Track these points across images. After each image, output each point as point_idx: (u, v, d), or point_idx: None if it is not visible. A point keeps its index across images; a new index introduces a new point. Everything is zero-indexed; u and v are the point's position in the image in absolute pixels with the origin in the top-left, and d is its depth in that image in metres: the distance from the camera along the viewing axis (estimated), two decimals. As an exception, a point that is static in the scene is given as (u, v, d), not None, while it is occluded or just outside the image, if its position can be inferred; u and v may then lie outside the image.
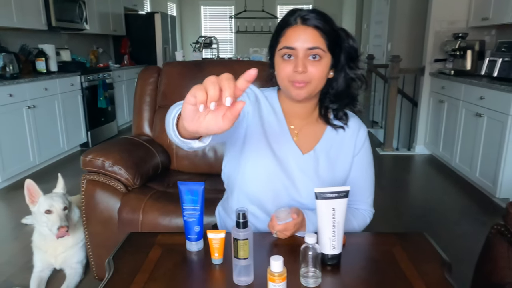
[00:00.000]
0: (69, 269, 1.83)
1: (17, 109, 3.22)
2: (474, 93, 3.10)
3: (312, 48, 0.90)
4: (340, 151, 1.03)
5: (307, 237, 0.74)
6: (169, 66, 2.23)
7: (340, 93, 1.00)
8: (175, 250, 0.89)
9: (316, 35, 0.90)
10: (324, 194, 0.80)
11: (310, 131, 1.03)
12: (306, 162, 1.00)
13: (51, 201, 1.68)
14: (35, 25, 3.84)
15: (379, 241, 0.94)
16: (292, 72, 0.91)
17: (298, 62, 0.90)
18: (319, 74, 0.92)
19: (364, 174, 1.07)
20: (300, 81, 0.90)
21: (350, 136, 1.04)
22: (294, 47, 0.90)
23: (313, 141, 1.03)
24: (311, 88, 0.93)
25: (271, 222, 0.90)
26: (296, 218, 0.89)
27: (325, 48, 0.91)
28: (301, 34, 0.90)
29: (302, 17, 0.91)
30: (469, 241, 2.29)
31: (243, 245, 0.73)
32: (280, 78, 0.95)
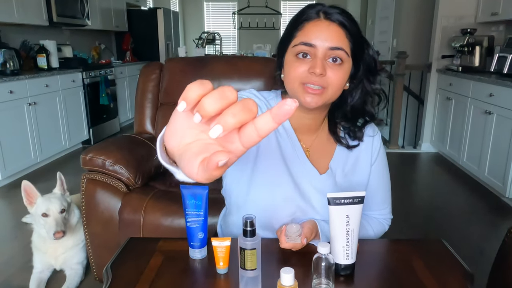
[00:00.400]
0: (69, 270, 1.79)
1: (18, 106, 3.17)
2: (483, 90, 3.03)
3: (334, 49, 0.77)
4: (356, 164, 0.94)
5: (320, 247, 0.69)
6: (172, 62, 2.18)
7: (355, 110, 0.88)
8: (177, 257, 0.84)
9: (341, 34, 0.78)
10: (337, 199, 0.74)
11: (321, 146, 0.92)
12: (323, 182, 0.90)
13: (48, 203, 1.64)
14: (36, 20, 3.79)
15: (395, 248, 0.89)
16: (306, 73, 0.78)
17: (316, 62, 0.77)
18: (338, 81, 0.79)
19: (381, 181, 0.99)
20: (316, 84, 0.77)
21: (365, 147, 0.94)
22: (314, 44, 0.77)
23: (326, 157, 0.92)
24: (327, 96, 0.80)
25: (280, 237, 0.82)
26: (305, 244, 0.82)
27: (348, 51, 0.79)
28: (324, 30, 0.77)
29: (326, 11, 0.79)
30: (479, 242, 2.23)
31: (251, 255, 0.68)
32: (290, 79, 0.81)
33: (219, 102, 0.32)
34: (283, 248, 0.83)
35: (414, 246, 0.88)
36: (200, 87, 0.33)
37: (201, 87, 0.33)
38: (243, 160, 0.87)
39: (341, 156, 0.93)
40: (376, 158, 0.96)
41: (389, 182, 1.02)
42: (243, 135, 0.33)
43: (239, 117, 0.31)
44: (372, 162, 0.96)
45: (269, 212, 0.90)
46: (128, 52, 5.79)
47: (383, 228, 1.02)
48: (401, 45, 4.83)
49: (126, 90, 5.27)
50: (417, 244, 0.89)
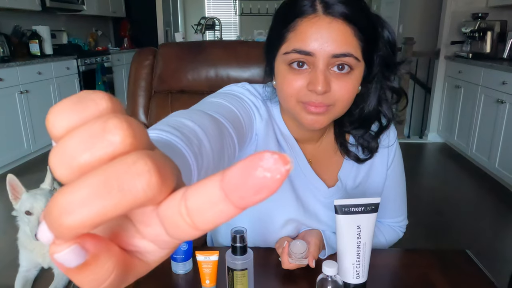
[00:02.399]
0: (58, 268, 1.69)
1: (9, 94, 3.05)
2: (495, 77, 2.88)
3: (339, 56, 0.58)
4: (370, 171, 0.79)
5: (326, 267, 0.57)
6: (166, 48, 2.04)
7: (368, 115, 0.69)
8: (158, 271, 0.72)
9: (348, 33, 0.58)
10: (346, 207, 0.62)
11: (325, 156, 0.77)
12: (332, 197, 0.75)
13: (33, 201, 1.53)
14: (28, 5, 3.65)
15: (412, 261, 0.76)
16: (305, 90, 0.60)
17: (317, 76, 0.58)
18: (347, 94, 0.60)
19: (397, 186, 0.84)
20: (319, 104, 0.60)
21: (380, 151, 0.77)
22: (312, 52, 0.58)
23: (334, 168, 0.77)
24: (334, 113, 0.62)
25: (282, 257, 0.68)
26: (313, 266, 0.67)
27: (359, 54, 0.59)
28: (324, 31, 0.57)
29: (325, 1, 0.58)
30: (489, 236, 2.12)
31: (241, 277, 0.56)
32: (285, 96, 0.63)
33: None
34: (285, 268, 0.70)
35: (435, 258, 0.76)
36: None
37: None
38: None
39: (352, 164, 0.77)
40: (393, 160, 0.81)
41: (405, 186, 0.87)
42: (164, 219, 0.16)
43: (100, 209, 0.15)
44: (389, 165, 0.80)
45: (267, 237, 0.76)
46: (126, 38, 5.64)
47: (397, 235, 0.89)
48: (408, 31, 4.65)
49: (124, 78, 5.14)
50: (438, 256, 0.77)
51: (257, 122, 0.70)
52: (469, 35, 3.47)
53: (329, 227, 0.77)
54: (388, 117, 0.71)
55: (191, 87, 1.95)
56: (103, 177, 0.15)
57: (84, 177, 0.15)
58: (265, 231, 0.76)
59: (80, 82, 4.02)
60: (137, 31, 5.81)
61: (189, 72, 1.94)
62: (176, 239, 0.17)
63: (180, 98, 1.96)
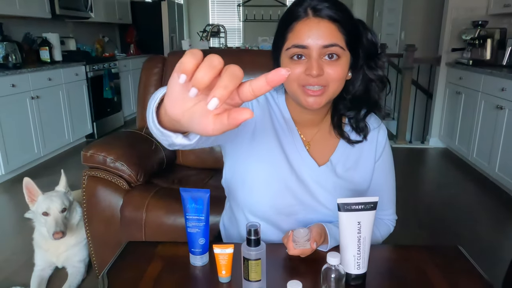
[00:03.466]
0: (71, 267, 1.77)
1: (21, 100, 3.14)
2: (494, 84, 2.95)
3: (328, 46, 0.74)
4: (359, 160, 0.90)
5: (330, 257, 0.64)
6: (175, 56, 2.13)
7: (358, 98, 0.85)
8: (177, 263, 0.79)
9: (333, 29, 0.75)
10: (348, 205, 0.69)
11: (322, 140, 0.89)
12: (322, 175, 0.88)
13: (49, 202, 1.60)
14: (38, 13, 3.74)
15: (408, 256, 0.83)
16: (303, 75, 0.75)
17: (312, 63, 0.74)
18: (338, 75, 0.76)
19: (386, 180, 0.95)
20: (315, 85, 0.75)
21: (369, 142, 0.90)
22: (306, 45, 0.74)
23: (328, 151, 0.89)
24: (329, 93, 0.77)
25: (287, 242, 0.78)
26: (314, 248, 0.77)
27: (343, 45, 0.76)
28: (314, 29, 0.74)
29: (314, 7, 0.75)
30: (489, 241, 2.17)
31: (255, 266, 0.63)
32: (289, 82, 0.78)
33: (209, 73, 0.36)
34: (291, 254, 0.78)
35: (429, 253, 0.83)
36: (194, 58, 0.36)
37: (194, 58, 0.36)
38: (236, 143, 0.86)
39: (343, 150, 0.90)
40: (381, 155, 0.92)
41: (394, 181, 0.98)
42: (241, 93, 0.38)
43: (229, 87, 0.36)
44: (376, 159, 0.92)
45: (268, 205, 0.86)
46: (132, 45, 5.74)
47: (389, 229, 0.99)
48: (409, 37, 4.73)
49: (130, 84, 5.23)
50: (432, 251, 0.84)
51: (254, 108, 0.87)
52: (469, 42, 3.54)
53: (319, 202, 0.87)
54: (374, 100, 0.86)
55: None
56: (229, 75, 0.36)
57: (221, 79, 0.36)
58: (267, 198, 0.86)
59: (88, 87, 4.11)
60: (143, 37, 5.92)
61: (197, 79, 2.03)
62: (243, 101, 0.38)
63: (189, 104, 2.05)
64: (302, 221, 0.88)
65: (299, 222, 0.88)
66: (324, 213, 0.88)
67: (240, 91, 0.38)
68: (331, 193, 0.87)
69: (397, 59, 4.83)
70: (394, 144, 4.10)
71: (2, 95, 2.92)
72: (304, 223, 0.87)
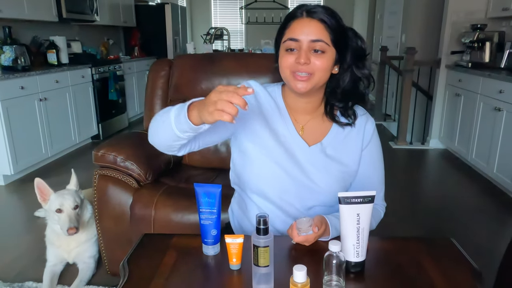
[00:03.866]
0: (82, 263, 1.83)
1: (29, 102, 3.22)
2: (493, 86, 3.01)
3: (315, 41, 0.90)
4: (347, 145, 1.02)
5: (331, 245, 0.70)
6: (181, 59, 2.20)
7: (347, 92, 1.00)
8: (191, 253, 0.86)
9: (321, 28, 0.90)
10: (348, 199, 0.76)
11: (315, 126, 1.03)
12: (313, 155, 1.00)
13: (62, 200, 1.67)
14: (46, 16, 3.82)
15: (404, 247, 0.90)
16: (294, 63, 0.91)
17: (301, 53, 0.90)
18: (322, 66, 0.91)
19: (374, 168, 1.05)
20: (303, 72, 0.91)
21: (357, 130, 1.03)
22: (298, 39, 0.91)
23: (320, 135, 1.02)
24: (314, 80, 0.93)
25: (292, 232, 0.86)
26: (317, 232, 0.86)
27: (329, 41, 0.91)
28: (305, 27, 0.91)
29: (308, 10, 0.92)
30: (487, 240, 2.23)
31: (264, 253, 0.70)
32: (282, 69, 0.95)
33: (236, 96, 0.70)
34: (296, 242, 0.85)
35: (423, 244, 0.89)
36: (227, 104, 0.70)
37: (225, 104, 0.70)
38: (237, 134, 1.02)
39: (335, 135, 1.02)
40: (368, 143, 1.03)
41: (383, 171, 1.08)
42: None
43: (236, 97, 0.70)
44: (364, 146, 1.03)
45: (267, 184, 0.98)
46: (136, 47, 5.82)
47: (380, 215, 1.08)
48: (410, 40, 4.80)
49: (134, 86, 5.31)
50: (426, 243, 0.90)
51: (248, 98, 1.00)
52: (468, 45, 3.60)
53: (311, 180, 0.98)
54: (362, 94, 1.00)
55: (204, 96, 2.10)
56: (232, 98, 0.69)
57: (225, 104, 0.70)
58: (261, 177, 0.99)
59: (94, 89, 4.19)
60: (147, 40, 6.00)
61: (203, 81, 2.09)
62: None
63: (195, 106, 2.11)
64: (297, 198, 0.99)
65: (294, 198, 0.99)
66: (316, 191, 0.98)
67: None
68: (322, 172, 0.98)
69: (397, 61, 4.90)
70: (394, 146, 4.17)
71: (12, 97, 3.00)
72: (299, 199, 0.99)
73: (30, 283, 1.78)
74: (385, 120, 5.29)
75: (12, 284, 1.76)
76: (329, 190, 0.97)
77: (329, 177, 0.98)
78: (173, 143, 0.87)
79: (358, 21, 8.39)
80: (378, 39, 6.61)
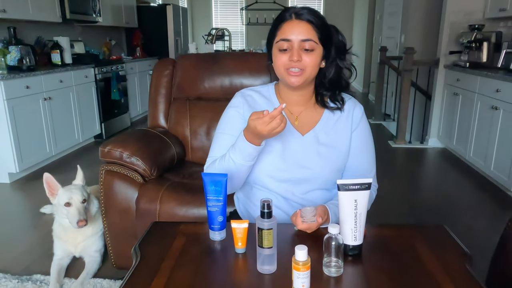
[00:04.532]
0: (88, 257, 1.87)
1: (34, 101, 3.27)
2: (490, 85, 3.06)
3: (305, 40, 1.00)
4: (338, 129, 1.11)
5: (330, 227, 0.76)
6: (184, 59, 2.25)
7: (333, 82, 1.11)
8: (198, 239, 0.91)
9: (309, 28, 1.00)
10: (346, 185, 0.81)
11: (308, 115, 1.13)
12: (307, 143, 1.09)
13: (70, 193, 1.72)
14: (50, 17, 3.88)
15: (399, 233, 0.95)
16: (288, 61, 1.01)
17: (293, 52, 1.00)
18: (312, 62, 1.02)
19: (364, 149, 1.13)
20: (296, 68, 1.01)
21: (346, 114, 1.12)
22: (290, 39, 1.00)
23: (312, 123, 1.12)
24: (306, 75, 1.03)
25: (296, 219, 0.93)
26: (320, 222, 0.92)
27: (317, 40, 1.01)
28: (296, 28, 1.00)
29: (296, 12, 1.01)
30: (484, 236, 2.28)
31: (268, 235, 0.75)
32: (277, 67, 1.05)
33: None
34: (299, 229, 0.90)
35: (417, 231, 0.95)
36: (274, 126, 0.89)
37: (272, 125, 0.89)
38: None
39: (325, 121, 1.12)
40: (357, 126, 1.13)
41: (373, 153, 1.17)
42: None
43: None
44: (353, 129, 1.12)
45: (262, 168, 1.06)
46: (138, 48, 5.88)
47: (372, 197, 1.15)
48: (409, 40, 4.85)
49: (137, 86, 5.36)
50: (420, 229, 0.96)
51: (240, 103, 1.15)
52: (466, 45, 3.65)
53: (306, 167, 1.07)
54: (346, 83, 1.13)
55: (207, 95, 2.15)
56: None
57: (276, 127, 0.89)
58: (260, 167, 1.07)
59: (97, 89, 4.24)
60: (148, 40, 6.06)
61: (206, 80, 2.14)
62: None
63: (197, 105, 2.16)
64: (295, 184, 1.07)
65: (292, 186, 1.07)
66: (312, 176, 1.07)
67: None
68: (315, 158, 1.07)
69: (397, 61, 4.96)
70: (393, 145, 4.22)
71: (17, 96, 3.06)
72: (297, 186, 1.07)
73: (38, 276, 1.83)
74: (384, 120, 5.34)
75: (20, 277, 1.81)
76: (323, 174, 1.07)
77: (323, 162, 1.07)
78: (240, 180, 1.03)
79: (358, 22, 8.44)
80: (378, 39, 6.67)
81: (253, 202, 1.12)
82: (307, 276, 0.71)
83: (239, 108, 1.14)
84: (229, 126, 1.13)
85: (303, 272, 0.70)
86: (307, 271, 0.71)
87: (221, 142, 1.12)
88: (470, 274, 0.77)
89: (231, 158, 0.98)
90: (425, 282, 0.75)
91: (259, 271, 0.78)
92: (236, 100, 1.16)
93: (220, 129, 1.15)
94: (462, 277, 0.76)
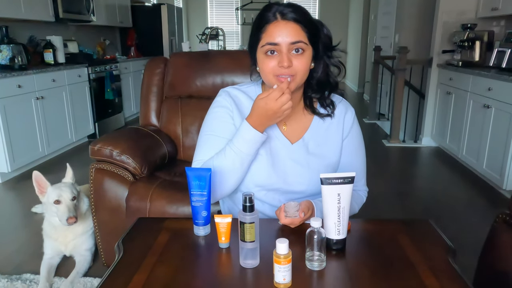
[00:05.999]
0: (79, 256, 1.86)
1: (26, 100, 3.25)
2: (482, 84, 3.08)
3: (295, 42, 0.91)
4: (328, 137, 1.05)
5: (313, 221, 0.75)
6: (176, 57, 2.24)
7: (321, 82, 1.03)
8: (183, 234, 0.91)
9: (297, 29, 0.91)
10: (329, 179, 0.81)
11: (297, 121, 1.05)
12: (296, 152, 1.03)
13: (59, 191, 1.71)
14: (42, 16, 3.86)
15: (384, 227, 0.95)
16: (277, 67, 0.92)
17: (283, 57, 0.91)
18: (303, 66, 0.94)
19: (356, 156, 1.09)
20: (286, 75, 0.92)
21: (337, 121, 1.06)
22: (277, 43, 0.91)
23: (301, 130, 1.05)
24: (297, 81, 0.95)
25: (280, 214, 0.91)
26: (303, 218, 0.90)
27: (306, 41, 0.93)
28: (283, 29, 0.91)
29: (281, 12, 0.92)
30: (475, 233, 2.28)
31: (250, 229, 0.75)
32: (265, 74, 0.96)
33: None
34: (282, 224, 0.90)
35: (403, 225, 0.95)
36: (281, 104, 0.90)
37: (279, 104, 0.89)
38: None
39: (315, 129, 1.06)
40: (349, 133, 1.07)
41: (364, 157, 1.13)
42: None
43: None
44: (344, 136, 1.07)
45: (249, 176, 1.01)
46: (133, 47, 5.86)
47: (362, 200, 1.13)
48: (403, 40, 4.87)
49: (131, 85, 5.35)
50: (405, 224, 0.96)
51: (232, 110, 1.05)
52: (459, 45, 3.67)
53: (293, 176, 1.02)
54: (335, 82, 1.04)
55: (199, 93, 2.14)
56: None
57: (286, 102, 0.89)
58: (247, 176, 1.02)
59: (91, 89, 4.23)
60: (143, 40, 6.04)
61: (198, 79, 2.13)
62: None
63: (189, 103, 2.15)
64: (283, 194, 1.03)
65: (280, 195, 1.03)
66: (299, 186, 1.03)
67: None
68: (304, 168, 1.02)
69: (391, 61, 4.97)
70: (387, 144, 4.23)
71: (9, 95, 3.04)
72: (284, 194, 1.03)
73: (27, 275, 1.82)
74: (379, 119, 5.36)
75: (10, 277, 1.80)
76: (312, 184, 1.02)
77: (312, 173, 1.01)
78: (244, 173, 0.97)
79: (353, 22, 8.47)
80: (372, 39, 6.69)
81: (237, 206, 1.09)
82: (288, 270, 0.71)
83: (229, 109, 1.04)
84: (220, 128, 1.03)
85: (284, 265, 0.70)
86: (288, 265, 0.71)
87: (211, 144, 1.01)
88: (452, 267, 0.77)
89: (235, 149, 0.92)
90: (408, 275, 0.75)
91: (242, 266, 0.78)
92: (224, 100, 1.05)
93: (209, 130, 1.04)
94: (444, 270, 0.76)
